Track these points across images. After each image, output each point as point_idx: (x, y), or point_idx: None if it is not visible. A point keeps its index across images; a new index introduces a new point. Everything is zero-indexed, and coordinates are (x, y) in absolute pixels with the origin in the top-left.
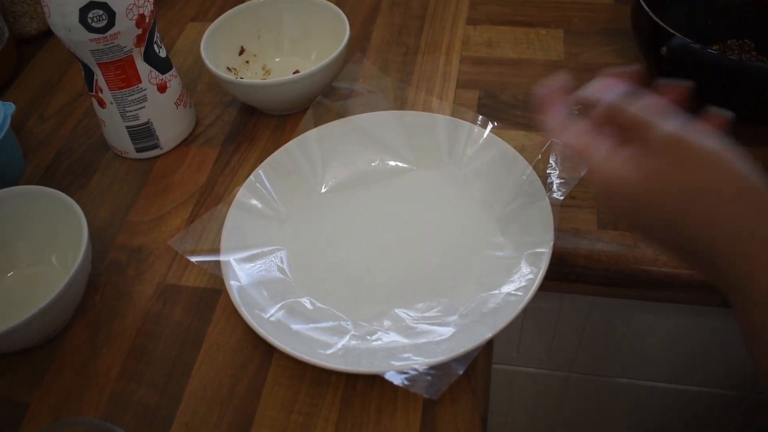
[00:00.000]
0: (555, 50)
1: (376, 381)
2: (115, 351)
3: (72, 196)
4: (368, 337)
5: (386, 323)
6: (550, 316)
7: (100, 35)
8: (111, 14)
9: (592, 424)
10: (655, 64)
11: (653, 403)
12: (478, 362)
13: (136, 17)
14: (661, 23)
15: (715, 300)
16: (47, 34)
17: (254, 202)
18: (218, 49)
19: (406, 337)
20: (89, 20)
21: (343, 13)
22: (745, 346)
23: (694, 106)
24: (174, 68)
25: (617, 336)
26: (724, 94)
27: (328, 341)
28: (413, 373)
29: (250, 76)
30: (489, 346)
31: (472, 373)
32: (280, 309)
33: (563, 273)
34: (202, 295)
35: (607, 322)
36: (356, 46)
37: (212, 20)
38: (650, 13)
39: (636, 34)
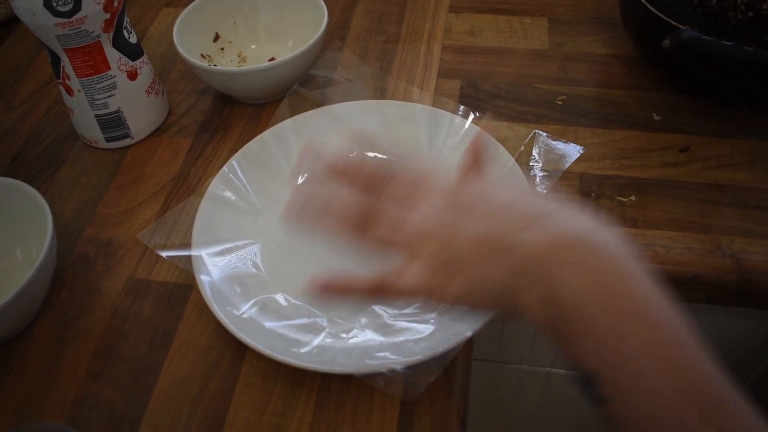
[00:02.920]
0: (539, 39)
1: (352, 380)
2: (81, 349)
3: (39, 187)
4: (344, 335)
5: (363, 320)
6: None
7: (66, 20)
8: None
9: (574, 421)
10: (651, 54)
11: None
12: (458, 360)
13: (103, 1)
14: (660, 15)
15: (699, 296)
16: (16, 19)
17: (228, 194)
18: (192, 35)
19: (383, 335)
20: (54, 4)
21: (321, 0)
22: None
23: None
24: (145, 55)
25: None
26: (737, 85)
27: (302, 339)
28: (390, 372)
29: (225, 64)
30: (469, 343)
31: (451, 372)
32: (253, 305)
33: None
34: (173, 290)
35: None
36: (335, 34)
37: (187, 6)
38: (647, 4)
39: (626, 24)
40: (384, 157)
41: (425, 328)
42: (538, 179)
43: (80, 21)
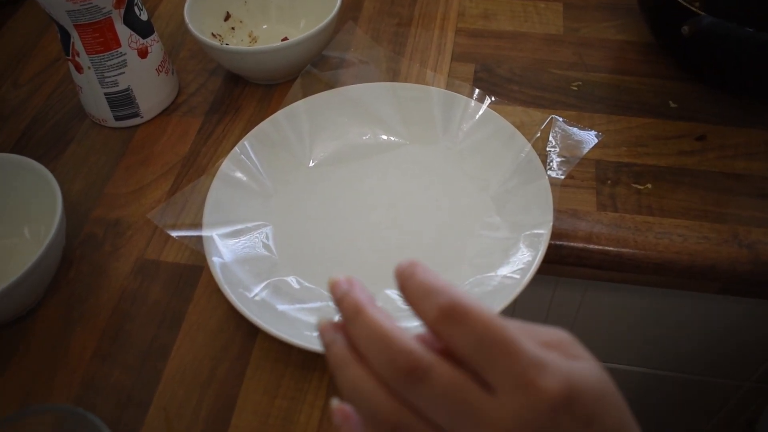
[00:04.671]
0: (554, 24)
1: None
2: (89, 330)
3: (47, 167)
4: None
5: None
6: (543, 300)
7: None
8: None
9: None
10: (670, 41)
11: (645, 390)
12: None
13: None
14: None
15: (714, 286)
16: None
17: (239, 175)
18: (203, 14)
19: (397, 320)
20: None
21: None
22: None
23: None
24: (156, 33)
25: (610, 322)
26: (757, 73)
27: (315, 322)
28: None
29: (236, 44)
30: None
31: None
32: (264, 288)
33: (560, 255)
34: (183, 272)
35: (601, 308)
36: (347, 16)
37: None
38: None
39: (643, 9)
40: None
41: None
42: (554, 165)
43: None
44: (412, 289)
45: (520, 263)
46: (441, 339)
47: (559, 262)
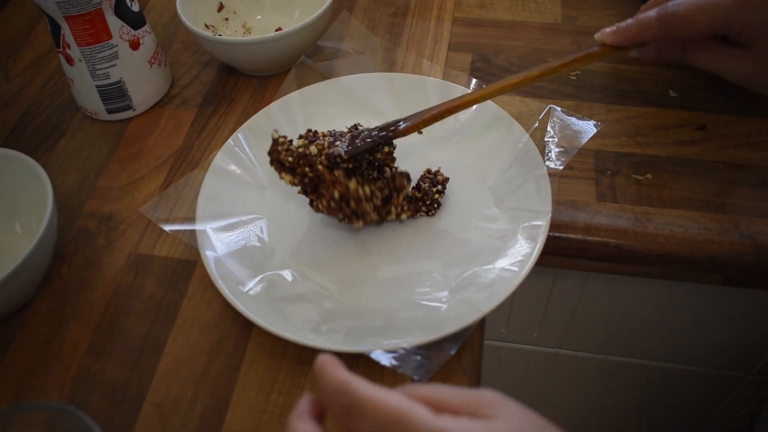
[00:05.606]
0: (552, 13)
1: (361, 359)
2: (82, 325)
3: (39, 160)
4: (354, 313)
5: (374, 298)
6: (542, 292)
7: None
8: None
9: (579, 402)
10: None
11: (645, 382)
12: (471, 341)
13: None
14: None
15: (716, 278)
16: None
17: (233, 167)
18: (195, 5)
19: (393, 316)
20: None
21: None
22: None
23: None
24: (148, 24)
25: (610, 313)
26: None
27: (310, 317)
28: (401, 352)
29: (229, 35)
30: (481, 323)
31: (463, 352)
32: (259, 282)
33: (559, 247)
34: (176, 266)
35: (601, 299)
36: (342, 5)
37: None
38: None
39: None
40: None
41: (438, 308)
42: (553, 155)
43: None
44: (322, 388)
45: (519, 255)
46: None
47: (558, 253)
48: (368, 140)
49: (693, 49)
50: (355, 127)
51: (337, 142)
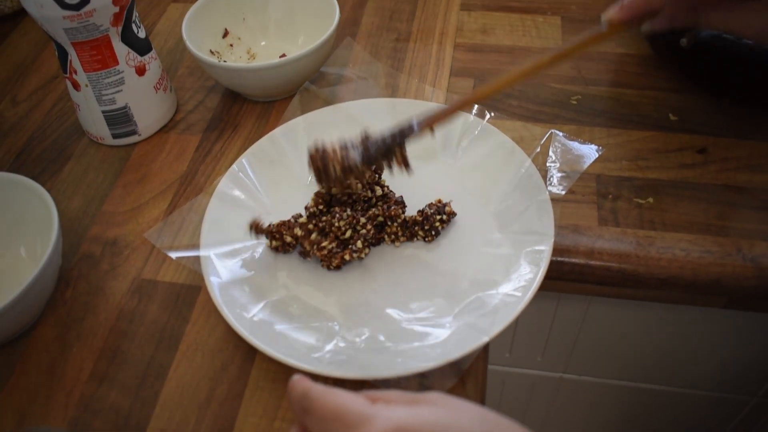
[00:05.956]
0: (552, 38)
1: (365, 386)
2: (85, 350)
3: (44, 184)
4: (357, 340)
5: (377, 325)
6: (546, 316)
7: (74, 12)
8: None
9: (584, 427)
10: (667, 53)
11: (649, 406)
12: (474, 367)
13: None
14: None
15: (718, 301)
16: (22, 13)
17: (237, 192)
18: (201, 31)
19: (398, 341)
20: None
21: None
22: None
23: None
24: (154, 50)
25: (614, 337)
26: (756, 84)
27: (314, 343)
28: (405, 379)
29: (234, 61)
30: (485, 349)
31: (467, 378)
32: (263, 308)
33: (562, 271)
34: (180, 291)
35: (604, 324)
36: (345, 31)
37: (194, 2)
38: None
39: None
40: None
41: (441, 333)
42: (555, 180)
43: (89, 14)
44: (291, 400)
45: (522, 280)
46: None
47: (561, 278)
48: (381, 145)
49: (705, 10)
50: (366, 135)
51: (350, 152)
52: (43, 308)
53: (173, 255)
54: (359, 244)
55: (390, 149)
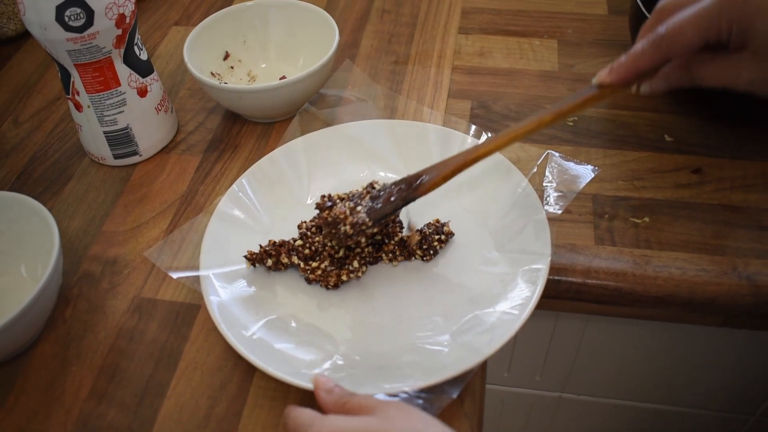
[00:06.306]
0: (549, 61)
1: None
2: (85, 369)
3: (45, 204)
4: (356, 357)
5: (375, 342)
6: (543, 335)
7: (78, 35)
8: (89, 13)
9: None
10: None
11: (648, 426)
12: (472, 385)
13: (115, 17)
14: None
15: (715, 319)
16: (25, 35)
17: (237, 212)
18: (202, 53)
19: (395, 359)
20: (66, 18)
21: (332, 18)
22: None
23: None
24: (155, 72)
25: (612, 356)
26: (750, 105)
27: (313, 361)
28: (403, 396)
29: (235, 82)
30: (482, 367)
31: (465, 396)
32: (262, 326)
33: (559, 290)
34: (180, 310)
35: (602, 342)
36: (344, 54)
37: (196, 25)
38: None
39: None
40: None
41: (439, 351)
42: (551, 200)
43: (92, 36)
44: (284, 423)
45: (519, 298)
46: None
47: (558, 296)
48: (390, 202)
49: (697, 67)
50: (372, 186)
51: (359, 207)
52: (43, 326)
53: (173, 275)
54: (355, 263)
55: (398, 207)
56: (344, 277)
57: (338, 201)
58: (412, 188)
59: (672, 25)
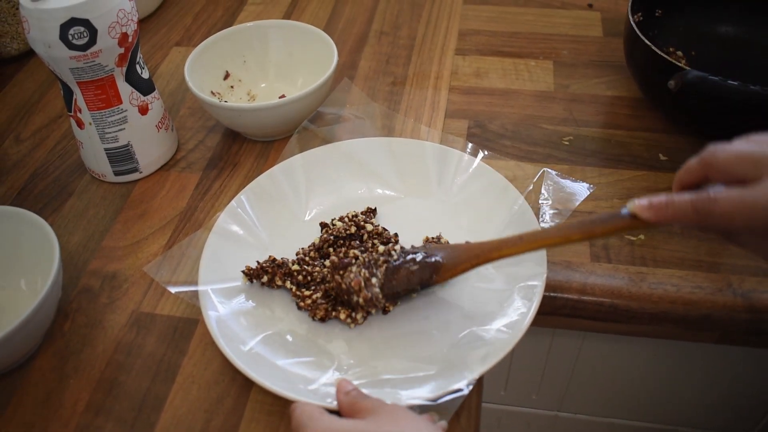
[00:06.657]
0: (544, 81)
1: None
2: (83, 382)
3: (46, 220)
4: (351, 372)
5: (371, 356)
6: (540, 353)
7: (81, 53)
8: (93, 32)
9: None
10: (656, 96)
11: None
12: (468, 401)
13: (118, 36)
14: (665, 56)
15: (711, 336)
16: (28, 54)
17: (235, 228)
18: (203, 72)
19: (392, 374)
20: (70, 37)
21: (331, 39)
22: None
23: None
24: (156, 90)
25: (609, 374)
26: (743, 125)
27: (309, 376)
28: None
29: (235, 101)
30: (479, 383)
31: (461, 413)
32: (259, 341)
33: (555, 306)
34: (178, 324)
35: (598, 360)
36: (343, 75)
37: (197, 45)
38: (652, 47)
39: (631, 66)
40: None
41: (434, 367)
42: (547, 217)
43: (95, 55)
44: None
45: (515, 315)
46: None
47: (554, 313)
48: (407, 282)
49: (737, 237)
50: (389, 253)
51: (373, 279)
52: (42, 340)
53: (172, 290)
54: (342, 316)
55: (413, 289)
56: (341, 316)
57: (354, 261)
58: (431, 268)
59: (723, 207)
